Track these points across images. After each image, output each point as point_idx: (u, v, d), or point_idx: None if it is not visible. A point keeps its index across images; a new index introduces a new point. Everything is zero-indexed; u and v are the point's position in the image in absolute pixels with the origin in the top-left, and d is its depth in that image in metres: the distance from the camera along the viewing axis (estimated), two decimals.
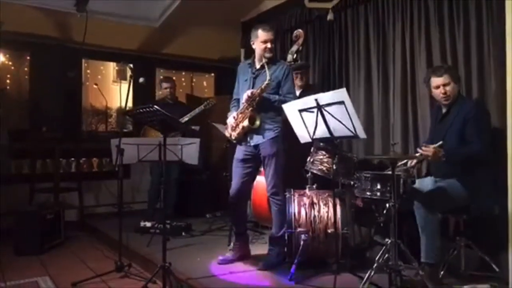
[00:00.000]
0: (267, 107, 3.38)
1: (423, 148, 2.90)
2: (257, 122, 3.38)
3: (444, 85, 3.01)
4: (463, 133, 2.94)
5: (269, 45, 3.42)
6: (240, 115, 3.45)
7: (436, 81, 3.05)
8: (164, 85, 5.11)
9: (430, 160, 2.99)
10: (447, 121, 3.06)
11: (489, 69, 3.22)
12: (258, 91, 3.31)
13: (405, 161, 3.21)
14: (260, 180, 3.89)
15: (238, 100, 3.59)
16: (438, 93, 3.06)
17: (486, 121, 2.99)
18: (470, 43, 3.33)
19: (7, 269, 3.70)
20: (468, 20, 3.34)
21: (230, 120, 3.54)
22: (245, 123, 3.38)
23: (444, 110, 3.13)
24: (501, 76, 3.06)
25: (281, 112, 3.16)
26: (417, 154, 3.00)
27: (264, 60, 3.40)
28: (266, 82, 3.27)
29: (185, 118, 4.72)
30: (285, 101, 3.18)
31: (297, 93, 3.87)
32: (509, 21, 2.97)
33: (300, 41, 4.14)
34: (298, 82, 4.08)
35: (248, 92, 3.35)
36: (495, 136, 3.10)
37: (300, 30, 4.18)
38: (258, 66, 3.50)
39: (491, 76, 3.19)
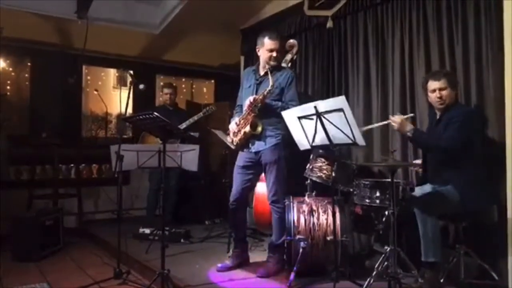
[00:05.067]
0: (269, 113, 3.38)
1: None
2: (259, 128, 3.38)
3: (440, 89, 3.02)
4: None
5: (274, 53, 3.43)
6: (242, 121, 3.45)
7: (433, 84, 3.06)
8: (165, 90, 5.14)
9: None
10: (440, 126, 3.07)
11: (487, 75, 3.23)
12: (261, 97, 3.32)
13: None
14: (262, 187, 3.89)
15: (241, 106, 3.59)
16: (433, 97, 3.07)
17: (468, 123, 2.94)
18: (468, 49, 3.34)
19: (6, 275, 3.67)
20: (467, 27, 3.35)
21: (232, 126, 3.54)
22: (247, 129, 3.38)
23: (438, 116, 3.14)
24: (499, 82, 3.08)
25: (283, 119, 3.15)
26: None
27: (267, 67, 3.41)
28: (269, 88, 3.28)
29: (184, 125, 4.73)
30: (287, 108, 3.18)
31: None
32: (507, 27, 2.99)
33: (294, 50, 4.15)
34: None
35: (251, 98, 3.35)
36: (491, 143, 3.13)
37: (293, 40, 4.21)
38: (262, 73, 3.50)
39: (490, 81, 3.20)
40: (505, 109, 3.02)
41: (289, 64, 4.10)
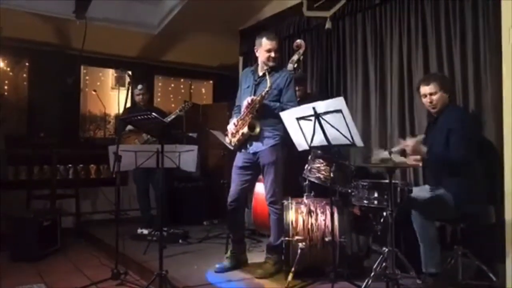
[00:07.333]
0: (267, 114, 3.37)
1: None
2: (257, 129, 3.38)
3: (431, 94, 3.04)
4: (447, 142, 2.94)
5: (273, 54, 3.43)
6: (240, 122, 3.44)
7: (423, 89, 3.08)
8: (136, 91, 5.01)
9: (410, 153, 2.98)
10: (434, 130, 3.08)
11: (485, 78, 3.24)
12: (259, 98, 3.31)
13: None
14: (261, 188, 3.88)
15: (240, 107, 3.58)
16: (425, 101, 3.10)
17: (469, 131, 2.95)
18: (466, 52, 3.36)
19: (3, 275, 3.67)
20: (465, 29, 3.37)
21: (231, 127, 3.54)
22: (245, 129, 3.37)
23: (433, 118, 3.15)
24: (497, 84, 3.08)
25: (281, 120, 3.14)
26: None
27: (265, 68, 3.41)
28: (266, 89, 3.28)
29: None
30: (285, 109, 3.17)
31: None
32: (505, 29, 2.99)
33: (301, 50, 4.12)
34: None
35: (248, 99, 3.35)
36: (488, 145, 3.13)
37: (301, 40, 4.18)
38: (260, 74, 3.49)
39: (488, 84, 3.21)
40: (503, 110, 3.02)
41: (296, 65, 4.08)
